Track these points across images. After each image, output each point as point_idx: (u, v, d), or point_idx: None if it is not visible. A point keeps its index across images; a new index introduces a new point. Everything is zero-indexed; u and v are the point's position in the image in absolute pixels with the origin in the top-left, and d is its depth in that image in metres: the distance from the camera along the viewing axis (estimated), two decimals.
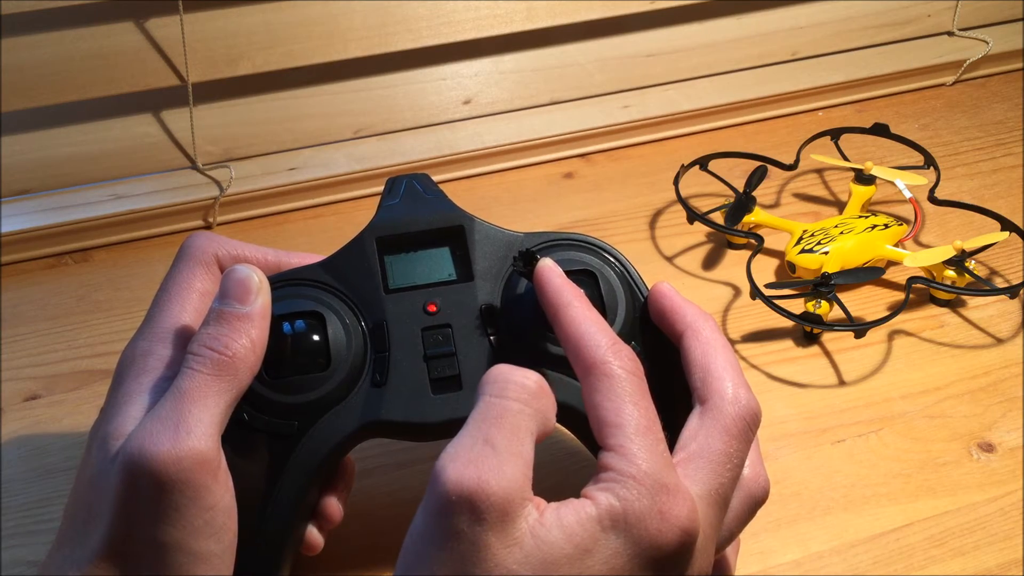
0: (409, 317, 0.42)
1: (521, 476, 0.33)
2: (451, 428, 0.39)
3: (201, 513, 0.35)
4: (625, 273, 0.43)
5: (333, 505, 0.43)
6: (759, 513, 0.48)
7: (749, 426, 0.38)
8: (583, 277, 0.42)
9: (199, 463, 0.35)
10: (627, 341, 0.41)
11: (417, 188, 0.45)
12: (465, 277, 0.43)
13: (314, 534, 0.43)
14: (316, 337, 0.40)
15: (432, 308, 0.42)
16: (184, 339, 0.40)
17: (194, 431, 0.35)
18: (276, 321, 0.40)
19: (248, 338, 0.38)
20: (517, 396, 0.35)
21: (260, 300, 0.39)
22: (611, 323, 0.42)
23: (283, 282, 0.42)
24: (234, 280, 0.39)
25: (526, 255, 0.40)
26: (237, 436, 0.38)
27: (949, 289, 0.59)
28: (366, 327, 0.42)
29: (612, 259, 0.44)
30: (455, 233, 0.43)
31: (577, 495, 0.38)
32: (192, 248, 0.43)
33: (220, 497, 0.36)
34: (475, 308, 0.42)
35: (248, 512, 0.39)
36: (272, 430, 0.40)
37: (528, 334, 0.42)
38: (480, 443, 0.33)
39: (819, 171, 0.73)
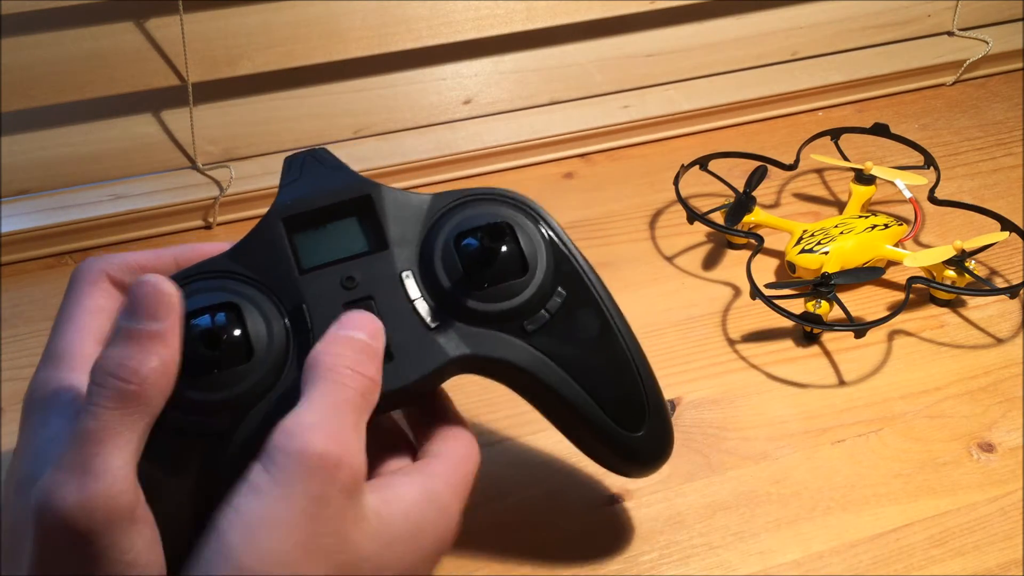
0: (328, 295, 0.40)
1: (364, 457, 0.35)
2: (387, 400, 0.39)
3: (122, 555, 0.33)
4: (542, 221, 0.43)
5: None
6: (759, 513, 0.49)
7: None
8: (499, 225, 0.41)
9: (111, 509, 0.32)
10: (550, 291, 0.42)
11: (316, 163, 0.43)
12: (379, 246, 0.41)
13: None
14: (234, 329, 0.38)
15: (350, 282, 0.40)
16: (82, 359, 0.37)
17: (102, 477, 0.32)
18: (188, 318, 0.37)
19: (159, 359, 0.34)
20: (360, 389, 0.36)
21: (172, 314, 0.35)
22: (533, 271, 0.41)
23: (190, 277, 0.40)
24: (141, 293, 0.35)
25: (494, 229, 0.40)
26: (163, 444, 0.36)
27: (949, 289, 0.59)
28: (285, 311, 0.40)
29: (528, 209, 0.43)
30: (362, 203, 0.41)
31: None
32: (78, 271, 0.40)
33: (140, 534, 0.34)
34: (394, 276, 0.41)
35: (185, 523, 0.36)
36: (201, 431, 0.37)
37: (451, 294, 0.41)
38: (338, 419, 0.34)
39: (819, 171, 0.73)
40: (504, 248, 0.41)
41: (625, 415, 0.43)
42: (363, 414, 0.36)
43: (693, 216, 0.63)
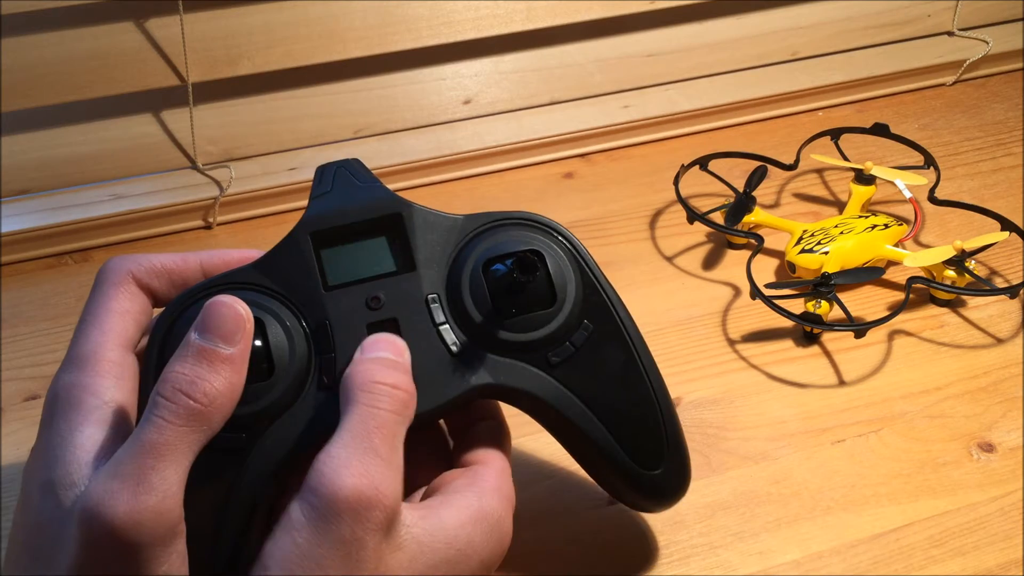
0: (352, 314, 0.39)
1: (400, 484, 0.35)
2: None
3: (158, 568, 0.33)
4: (573, 251, 0.42)
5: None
6: (759, 513, 0.49)
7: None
8: (530, 257, 0.40)
9: (159, 524, 0.33)
10: (578, 322, 0.41)
11: (349, 175, 0.42)
12: (407, 267, 0.41)
13: None
14: (257, 344, 0.38)
15: (376, 302, 0.40)
16: (107, 363, 0.37)
17: (156, 490, 0.33)
18: None
19: (228, 383, 0.35)
20: (392, 407, 0.35)
21: (246, 339, 0.36)
22: (561, 303, 0.41)
23: (216, 287, 0.39)
24: (218, 313, 0.35)
25: (526, 263, 0.39)
26: None
27: (949, 289, 0.59)
28: (308, 328, 0.39)
29: (560, 237, 0.42)
30: (392, 221, 0.41)
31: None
32: (105, 271, 0.40)
33: (176, 549, 0.34)
34: (420, 299, 0.40)
35: (203, 537, 0.36)
36: (218, 446, 0.36)
37: (477, 322, 0.40)
38: (370, 453, 0.34)
39: (819, 171, 0.73)
40: (533, 278, 0.40)
41: (644, 453, 0.42)
42: (399, 433, 0.36)
43: (693, 216, 0.63)
